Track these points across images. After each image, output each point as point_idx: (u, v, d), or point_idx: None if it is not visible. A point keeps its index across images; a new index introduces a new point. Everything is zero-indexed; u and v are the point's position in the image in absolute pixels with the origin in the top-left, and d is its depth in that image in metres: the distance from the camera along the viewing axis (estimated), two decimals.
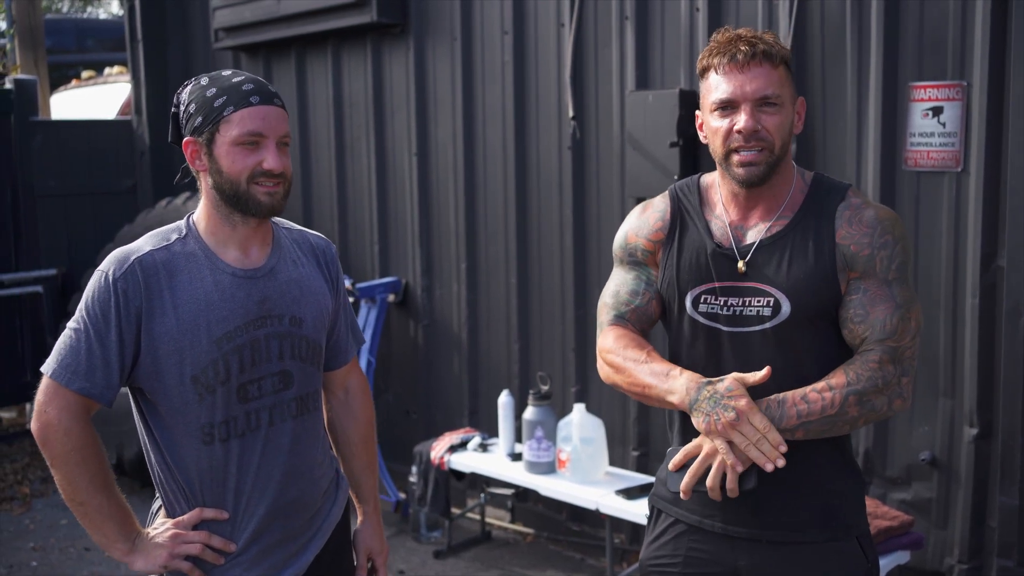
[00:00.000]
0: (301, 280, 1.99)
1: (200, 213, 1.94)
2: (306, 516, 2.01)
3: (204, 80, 1.91)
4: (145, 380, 1.87)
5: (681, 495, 1.93)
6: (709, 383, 1.87)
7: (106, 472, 1.88)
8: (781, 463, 1.83)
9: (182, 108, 1.91)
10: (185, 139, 1.90)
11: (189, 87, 1.92)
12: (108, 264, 1.87)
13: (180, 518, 1.92)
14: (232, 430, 1.90)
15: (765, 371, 1.86)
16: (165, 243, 1.90)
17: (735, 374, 1.88)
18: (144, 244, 1.90)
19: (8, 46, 8.41)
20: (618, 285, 2.11)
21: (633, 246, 2.09)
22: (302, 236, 2.08)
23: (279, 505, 1.95)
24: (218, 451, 1.90)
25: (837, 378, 1.87)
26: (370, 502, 2.21)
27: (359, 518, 2.22)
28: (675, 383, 1.91)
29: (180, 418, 1.88)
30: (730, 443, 1.85)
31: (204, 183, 1.91)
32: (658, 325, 2.13)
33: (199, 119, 1.87)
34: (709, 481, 1.88)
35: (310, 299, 1.99)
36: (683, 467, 1.94)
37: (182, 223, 1.95)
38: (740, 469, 1.86)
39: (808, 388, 1.87)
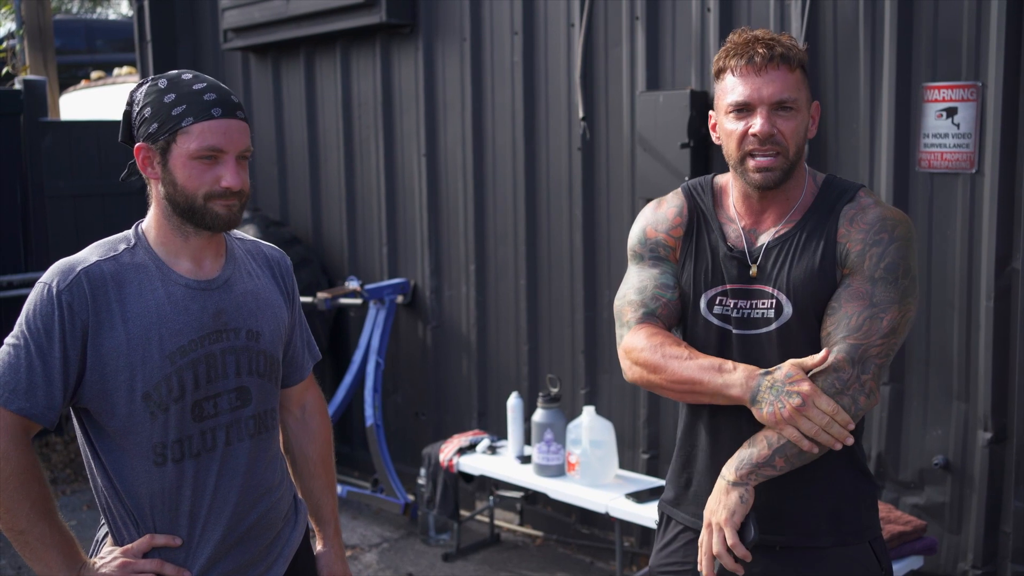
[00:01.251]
0: (257, 292, 1.90)
1: (149, 222, 1.84)
2: (266, 541, 1.90)
3: (162, 83, 1.78)
4: (91, 399, 1.76)
5: None
6: (767, 373, 1.83)
7: (48, 498, 1.76)
8: (850, 441, 1.81)
9: (135, 109, 1.80)
10: (137, 144, 1.79)
11: (144, 88, 1.80)
12: (51, 276, 1.75)
13: (129, 546, 1.79)
14: (186, 450, 1.79)
15: (823, 354, 1.82)
16: (113, 253, 1.79)
17: (792, 360, 1.84)
18: (90, 255, 1.79)
19: (17, 46, 8.43)
20: (643, 281, 2.04)
21: (655, 241, 2.04)
22: (256, 247, 1.99)
23: (237, 529, 1.85)
24: (171, 472, 1.78)
25: None
26: (331, 524, 2.10)
27: (319, 543, 2.11)
28: (732, 376, 1.85)
29: (131, 438, 1.76)
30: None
31: (155, 191, 1.81)
32: None
33: (154, 125, 1.76)
34: (714, 549, 1.85)
35: (267, 312, 1.90)
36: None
37: (130, 232, 1.84)
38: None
39: None
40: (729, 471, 1.86)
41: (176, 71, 1.84)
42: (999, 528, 3.32)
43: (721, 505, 1.85)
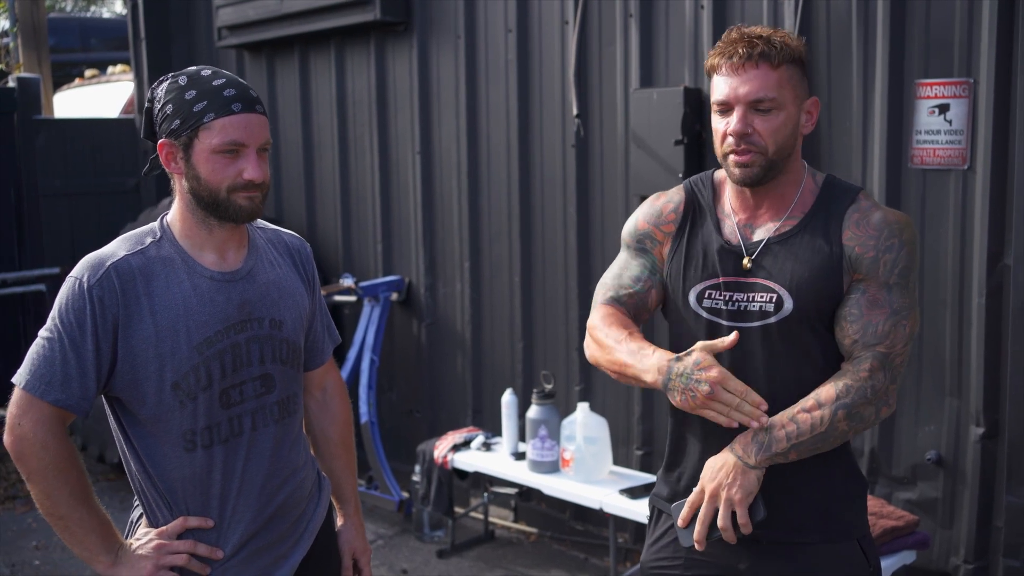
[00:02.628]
0: (280, 282, 1.96)
1: (174, 215, 1.89)
2: (292, 519, 1.98)
3: (182, 80, 1.83)
4: (123, 389, 1.82)
5: (696, 547, 1.90)
6: (678, 359, 1.86)
7: (85, 484, 1.83)
8: (765, 420, 1.83)
9: (157, 106, 1.85)
10: (161, 140, 1.84)
11: (165, 84, 1.85)
12: (81, 270, 1.81)
13: (164, 528, 1.87)
14: (215, 436, 1.86)
15: (732, 336, 1.86)
16: (140, 247, 1.84)
17: (701, 343, 1.87)
18: (118, 249, 1.84)
19: (11, 44, 8.42)
20: (621, 269, 2.10)
21: (643, 234, 2.08)
22: (276, 236, 2.04)
23: (265, 510, 1.92)
24: (201, 458, 1.85)
25: (826, 392, 1.86)
26: (351, 502, 2.19)
27: (340, 519, 2.19)
28: (647, 362, 1.90)
29: (161, 426, 1.83)
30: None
31: (179, 185, 1.86)
32: (657, 315, 2.14)
33: (176, 122, 1.80)
34: (720, 523, 1.86)
35: (289, 301, 1.96)
36: (692, 520, 1.91)
37: (155, 226, 1.89)
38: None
39: (797, 408, 1.86)
40: (748, 455, 1.85)
41: (195, 67, 1.88)
42: (991, 523, 3.34)
43: (738, 486, 1.85)
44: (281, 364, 1.93)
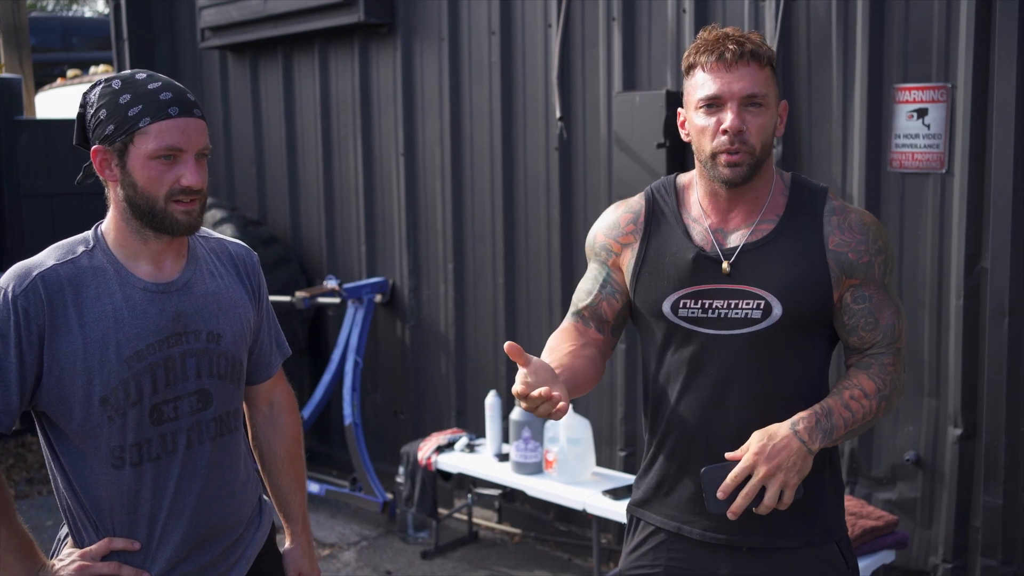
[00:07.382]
0: (219, 293, 1.88)
1: (108, 224, 1.82)
2: (227, 543, 1.90)
3: (116, 83, 1.76)
4: (49, 403, 1.75)
5: (729, 516, 1.85)
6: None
7: (7, 502, 1.75)
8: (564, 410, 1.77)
9: (90, 111, 1.78)
10: (94, 147, 1.77)
11: (99, 89, 1.78)
12: (7, 280, 1.74)
13: (87, 548, 1.79)
14: (145, 453, 1.78)
15: (506, 346, 1.78)
16: (71, 256, 1.78)
17: (510, 343, 1.79)
18: (47, 258, 1.77)
19: None
20: (583, 281, 2.15)
21: (600, 245, 2.10)
22: (220, 245, 1.96)
23: (196, 532, 1.84)
24: (129, 476, 1.78)
25: (867, 385, 1.89)
26: (299, 521, 2.10)
27: (288, 539, 2.10)
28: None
29: (89, 441, 1.76)
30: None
31: (113, 194, 1.80)
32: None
33: (111, 127, 1.74)
34: (768, 501, 1.82)
35: (229, 313, 1.88)
36: (735, 491, 1.84)
37: (89, 234, 1.83)
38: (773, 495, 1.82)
39: (845, 395, 1.87)
40: (813, 441, 1.83)
41: (129, 71, 1.82)
42: (969, 523, 3.37)
43: (797, 471, 1.81)
44: (219, 379, 1.86)
